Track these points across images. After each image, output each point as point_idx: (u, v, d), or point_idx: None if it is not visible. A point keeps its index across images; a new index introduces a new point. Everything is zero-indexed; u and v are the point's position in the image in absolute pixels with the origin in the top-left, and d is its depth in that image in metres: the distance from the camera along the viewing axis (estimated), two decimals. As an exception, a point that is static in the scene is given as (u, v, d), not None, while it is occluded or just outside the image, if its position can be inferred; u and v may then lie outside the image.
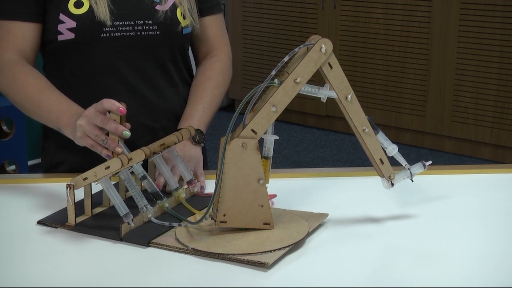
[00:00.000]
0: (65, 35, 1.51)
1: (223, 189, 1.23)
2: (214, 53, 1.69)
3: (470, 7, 3.98)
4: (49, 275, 1.14)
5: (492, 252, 1.21)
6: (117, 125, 1.30)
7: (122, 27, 1.53)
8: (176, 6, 1.57)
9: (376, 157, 1.29)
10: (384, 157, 1.30)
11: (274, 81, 1.22)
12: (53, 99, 1.47)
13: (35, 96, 1.48)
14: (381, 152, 1.29)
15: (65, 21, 1.51)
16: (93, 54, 1.54)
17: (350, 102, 1.26)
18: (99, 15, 1.50)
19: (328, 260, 1.18)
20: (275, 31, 4.76)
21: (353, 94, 1.25)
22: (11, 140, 3.54)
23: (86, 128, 1.32)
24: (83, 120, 1.33)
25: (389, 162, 1.30)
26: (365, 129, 1.27)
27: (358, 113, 1.27)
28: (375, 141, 1.29)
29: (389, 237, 1.27)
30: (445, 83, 4.15)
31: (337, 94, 1.25)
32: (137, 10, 1.54)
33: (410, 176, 1.32)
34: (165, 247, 1.22)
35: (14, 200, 1.44)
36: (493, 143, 4.07)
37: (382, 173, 1.30)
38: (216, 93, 1.63)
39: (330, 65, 1.23)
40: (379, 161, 1.29)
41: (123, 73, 1.56)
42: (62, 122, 1.43)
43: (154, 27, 1.55)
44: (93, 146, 1.32)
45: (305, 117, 4.74)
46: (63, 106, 1.45)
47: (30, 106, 1.49)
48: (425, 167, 1.33)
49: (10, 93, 1.52)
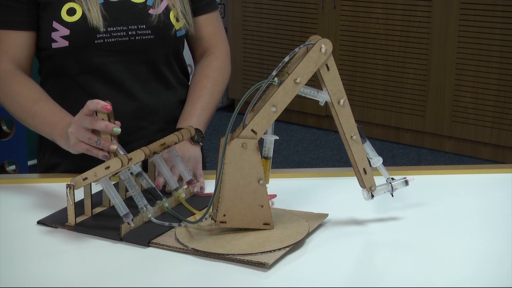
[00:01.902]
0: (59, 43, 1.51)
1: (223, 189, 1.23)
2: (211, 51, 1.69)
3: (470, 7, 3.98)
4: (49, 275, 1.14)
5: (492, 252, 1.21)
6: (106, 123, 1.30)
7: (116, 33, 1.53)
8: (169, 9, 1.57)
9: (360, 166, 1.28)
10: (367, 167, 1.29)
11: (274, 80, 1.22)
12: (46, 110, 1.48)
13: (29, 107, 1.49)
14: (366, 162, 1.29)
15: (58, 29, 1.51)
16: (87, 60, 1.54)
17: (342, 106, 1.25)
18: (92, 21, 1.50)
19: (328, 260, 1.18)
20: (275, 31, 4.76)
21: (346, 99, 1.25)
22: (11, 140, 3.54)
23: (78, 134, 1.32)
24: (73, 127, 1.33)
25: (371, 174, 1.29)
26: (353, 136, 1.27)
27: (348, 118, 1.26)
28: (361, 150, 1.28)
29: (389, 237, 1.27)
30: (445, 83, 4.15)
31: (330, 96, 1.24)
32: (130, 15, 1.54)
33: (391, 191, 1.31)
34: (165, 247, 1.22)
35: (14, 200, 1.44)
36: (493, 143, 4.07)
37: (364, 184, 1.30)
38: (214, 91, 1.63)
39: (328, 66, 1.23)
40: (362, 171, 1.28)
41: (119, 77, 1.56)
42: (55, 134, 1.44)
43: (147, 31, 1.55)
44: (89, 150, 1.32)
45: (305, 117, 4.74)
46: (56, 118, 1.46)
47: (25, 117, 1.50)
48: (407, 184, 1.32)
49: (6, 103, 1.53)
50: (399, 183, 1.32)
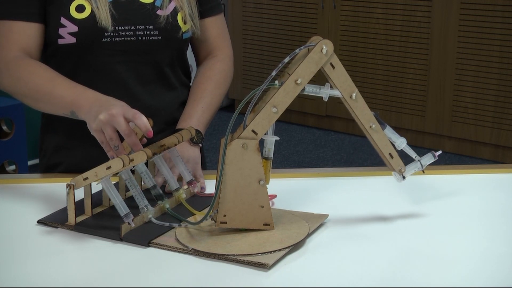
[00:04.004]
0: (66, 39, 1.51)
1: (224, 189, 1.23)
2: (215, 53, 1.69)
3: (470, 7, 3.98)
4: (49, 275, 1.14)
5: (492, 252, 1.21)
6: (137, 143, 1.30)
7: (124, 32, 1.52)
8: (177, 11, 1.57)
9: (385, 152, 1.29)
10: (393, 151, 1.30)
11: (275, 83, 1.22)
12: (66, 85, 1.45)
13: (46, 84, 1.46)
14: (390, 147, 1.29)
15: (66, 25, 1.50)
16: (92, 58, 1.53)
17: (355, 100, 1.26)
18: (101, 20, 1.49)
19: (328, 260, 1.18)
20: (275, 31, 4.76)
21: (358, 92, 1.26)
22: (11, 140, 3.54)
23: (105, 127, 1.31)
24: (106, 117, 1.30)
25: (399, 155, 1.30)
26: (372, 125, 1.27)
27: (363, 110, 1.27)
28: (383, 136, 1.29)
29: (389, 237, 1.27)
30: (445, 83, 4.15)
31: (342, 93, 1.25)
32: (139, 15, 1.54)
33: (421, 168, 1.32)
34: (165, 248, 1.22)
35: (14, 200, 1.44)
36: (493, 143, 4.07)
37: (393, 167, 1.30)
38: (216, 93, 1.63)
39: (332, 65, 1.23)
40: (389, 156, 1.29)
41: (122, 77, 1.56)
42: (77, 104, 1.41)
43: (155, 32, 1.55)
44: (103, 143, 1.32)
45: (305, 117, 4.74)
46: (78, 90, 1.43)
47: (41, 95, 1.47)
48: (435, 157, 1.33)
49: (18, 87, 1.50)
50: (427, 158, 1.32)
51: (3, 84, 1.51)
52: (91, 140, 1.53)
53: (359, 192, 1.49)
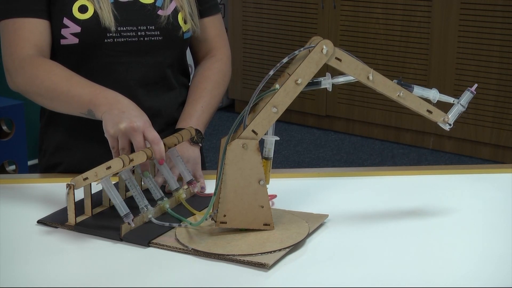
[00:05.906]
0: (68, 40, 1.51)
1: (224, 189, 1.23)
2: (213, 53, 1.69)
3: (470, 7, 3.98)
4: (49, 275, 1.14)
5: (492, 252, 1.21)
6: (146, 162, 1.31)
7: (126, 33, 1.52)
8: (177, 11, 1.57)
9: (423, 111, 1.29)
10: (430, 107, 1.30)
11: (276, 87, 1.22)
12: (83, 83, 1.45)
13: (63, 82, 1.45)
14: (425, 104, 1.29)
15: (69, 26, 1.50)
16: (94, 59, 1.53)
17: (373, 81, 1.26)
18: (104, 20, 1.49)
19: (328, 260, 1.18)
20: (275, 31, 4.76)
21: (373, 70, 1.25)
22: (11, 140, 3.54)
23: (122, 137, 1.31)
24: (127, 129, 1.31)
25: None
26: (399, 93, 1.27)
27: (385, 84, 1.27)
28: (414, 98, 1.29)
29: (389, 237, 1.27)
30: (445, 83, 4.15)
31: (358, 79, 1.25)
32: (140, 16, 1.54)
33: (463, 108, 1.32)
34: (165, 247, 1.22)
35: (14, 200, 1.44)
36: (493, 143, 4.07)
37: (436, 120, 1.30)
38: (215, 93, 1.63)
39: (338, 58, 1.23)
40: (427, 113, 1.30)
41: (123, 78, 1.56)
42: (95, 103, 1.40)
43: (156, 32, 1.55)
44: (114, 148, 1.33)
45: (305, 117, 4.74)
46: (96, 89, 1.43)
47: (57, 94, 1.45)
48: (473, 92, 1.32)
49: (34, 86, 1.48)
50: (465, 97, 1.32)
51: (17, 83, 1.50)
52: (91, 140, 1.54)
53: (359, 192, 1.49)
